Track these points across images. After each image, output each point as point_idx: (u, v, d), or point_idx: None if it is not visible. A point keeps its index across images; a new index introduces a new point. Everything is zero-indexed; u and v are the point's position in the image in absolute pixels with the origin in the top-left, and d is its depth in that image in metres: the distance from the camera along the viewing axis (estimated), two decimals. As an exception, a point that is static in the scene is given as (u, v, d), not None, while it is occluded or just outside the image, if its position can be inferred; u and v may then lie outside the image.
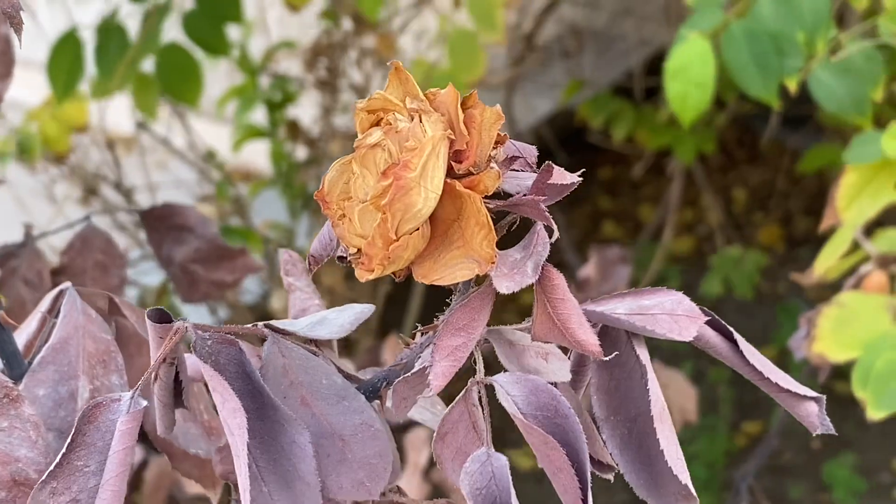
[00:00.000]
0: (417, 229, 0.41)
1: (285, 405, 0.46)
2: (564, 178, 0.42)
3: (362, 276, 0.41)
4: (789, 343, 1.34)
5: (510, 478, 0.42)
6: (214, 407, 0.47)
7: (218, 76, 2.28)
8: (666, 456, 0.46)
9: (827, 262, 1.31)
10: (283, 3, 1.82)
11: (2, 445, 0.50)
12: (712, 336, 0.48)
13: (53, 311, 0.57)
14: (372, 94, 0.41)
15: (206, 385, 0.49)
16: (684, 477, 0.46)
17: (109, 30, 1.74)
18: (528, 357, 0.44)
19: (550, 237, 0.42)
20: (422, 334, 0.47)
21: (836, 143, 2.22)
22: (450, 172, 0.41)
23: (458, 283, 0.44)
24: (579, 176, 0.42)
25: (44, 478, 0.44)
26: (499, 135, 0.42)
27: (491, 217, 0.41)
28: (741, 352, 0.48)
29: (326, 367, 0.47)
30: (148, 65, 1.85)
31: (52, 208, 2.18)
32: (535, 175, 0.43)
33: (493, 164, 0.41)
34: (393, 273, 0.42)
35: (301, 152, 2.27)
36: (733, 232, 2.90)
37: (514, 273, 0.41)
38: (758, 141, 3.31)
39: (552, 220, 0.41)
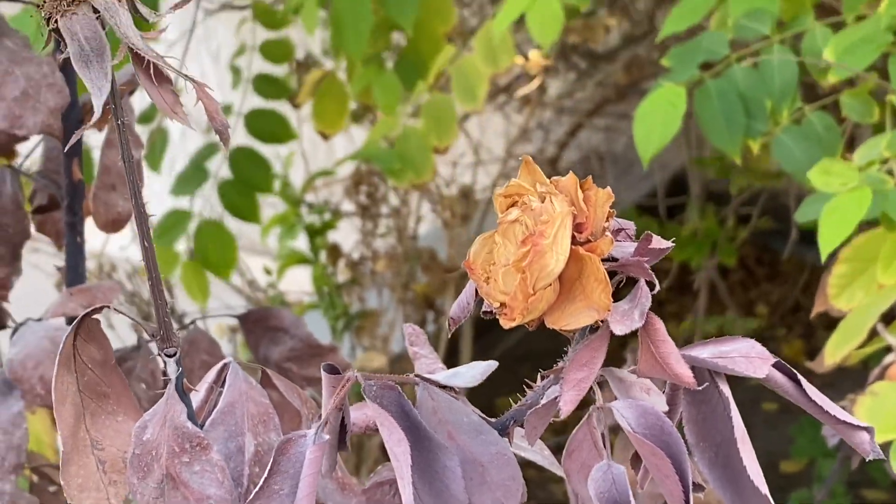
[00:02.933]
0: (550, 286, 0.52)
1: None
2: (661, 244, 0.53)
3: (506, 324, 0.52)
4: (823, 432, 1.44)
5: (627, 482, 0.52)
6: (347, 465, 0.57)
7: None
8: (749, 473, 0.56)
9: (839, 351, 1.41)
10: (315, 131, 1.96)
11: (196, 485, 0.60)
12: (779, 376, 0.59)
13: (218, 381, 0.68)
14: (509, 183, 0.53)
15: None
16: (764, 490, 0.56)
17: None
18: (634, 391, 0.55)
19: (652, 290, 0.53)
20: (542, 378, 0.58)
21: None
22: (573, 240, 0.52)
23: (575, 330, 0.55)
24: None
25: (250, 498, 0.54)
26: (609, 210, 0.53)
27: (605, 275, 0.52)
28: (803, 389, 0.59)
29: (465, 407, 0.58)
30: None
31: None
32: (636, 243, 0.54)
33: (606, 233, 0.52)
34: (527, 322, 0.53)
35: (342, 274, 2.39)
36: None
37: (625, 319, 0.52)
38: (777, 258, 3.43)
39: (654, 277, 0.53)
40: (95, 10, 0.54)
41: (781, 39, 1.48)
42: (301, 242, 2.38)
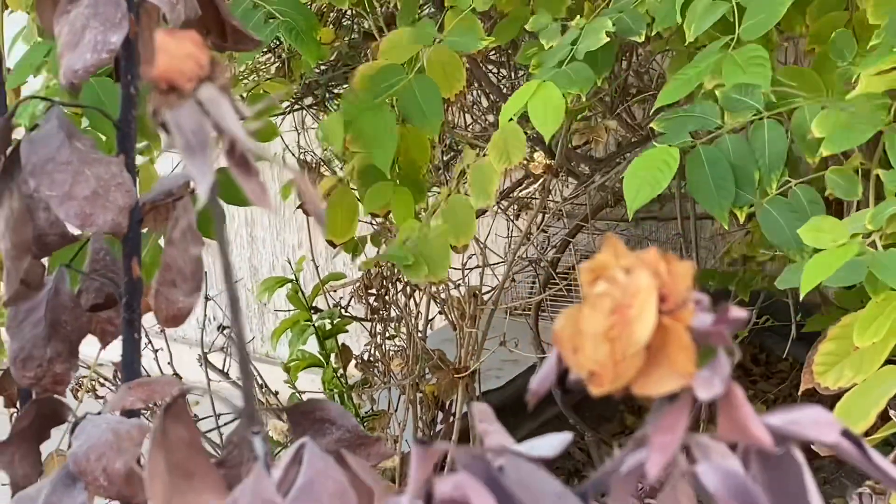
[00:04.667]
0: (637, 354, 0.55)
1: (522, 505, 0.59)
2: (738, 314, 0.56)
3: (596, 391, 0.55)
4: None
5: (715, 541, 0.55)
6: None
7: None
8: (821, 534, 0.59)
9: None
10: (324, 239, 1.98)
11: (285, 556, 0.62)
12: (846, 443, 0.62)
13: (295, 460, 0.70)
14: (594, 257, 0.56)
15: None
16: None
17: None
18: (713, 455, 0.58)
19: (732, 358, 0.56)
20: (619, 447, 0.61)
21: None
22: (658, 310, 0.55)
23: (653, 397, 0.58)
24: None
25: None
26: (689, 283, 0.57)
27: (686, 345, 0.55)
28: (868, 454, 0.62)
29: (549, 477, 0.61)
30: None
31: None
32: (711, 314, 0.57)
33: (689, 304, 0.56)
34: (615, 389, 0.56)
35: (351, 376, 2.41)
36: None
37: (707, 386, 0.56)
38: (771, 357, 3.46)
39: (732, 344, 0.56)
40: (199, 103, 0.58)
41: (773, 114, 1.53)
42: (311, 345, 2.41)
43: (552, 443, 0.64)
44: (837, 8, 1.77)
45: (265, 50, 2.05)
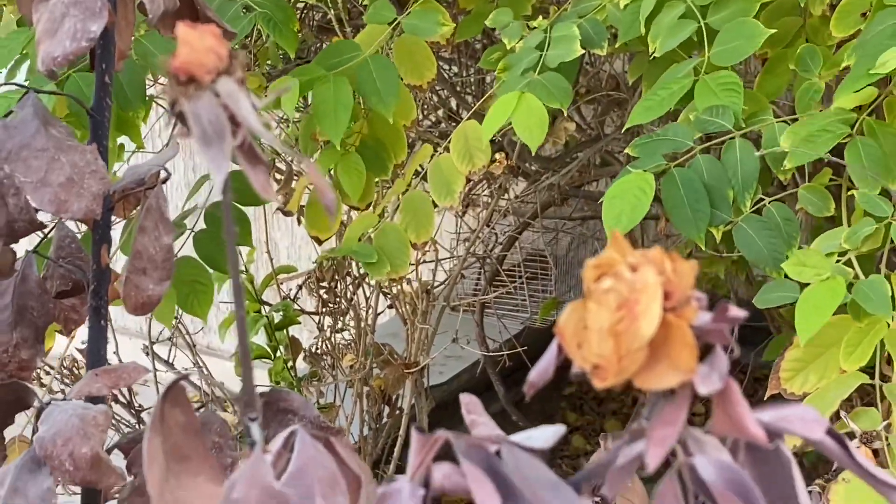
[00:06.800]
0: (641, 349, 0.57)
1: (520, 495, 0.61)
2: (736, 313, 0.58)
3: (599, 384, 0.57)
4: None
5: (712, 531, 0.57)
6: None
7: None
8: (808, 527, 0.61)
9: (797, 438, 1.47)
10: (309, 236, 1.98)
11: (282, 541, 0.63)
12: (829, 440, 0.64)
13: (287, 446, 0.71)
14: (601, 255, 0.58)
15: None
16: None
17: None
18: (708, 449, 0.60)
19: (731, 355, 0.58)
20: (612, 440, 0.63)
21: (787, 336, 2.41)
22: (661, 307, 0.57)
23: (651, 391, 0.59)
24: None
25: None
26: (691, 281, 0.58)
27: (686, 341, 0.57)
28: (850, 453, 0.64)
29: (543, 466, 0.62)
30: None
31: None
32: (710, 314, 0.59)
33: (692, 302, 0.57)
34: (616, 383, 0.58)
35: (301, 367, 2.42)
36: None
37: (706, 381, 0.57)
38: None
39: (732, 341, 0.58)
40: (216, 95, 0.59)
41: (743, 134, 1.56)
42: (258, 338, 2.41)
43: (546, 434, 0.66)
44: (791, 13, 1.80)
45: (241, 45, 2.05)
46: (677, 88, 1.56)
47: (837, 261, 1.49)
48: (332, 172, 1.81)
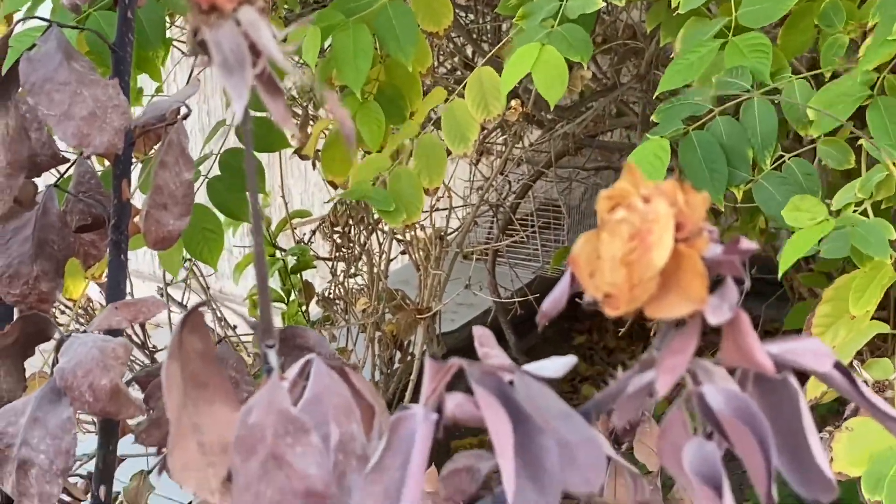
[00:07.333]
0: (653, 279, 0.58)
1: (532, 421, 0.62)
2: (748, 245, 0.59)
3: (611, 313, 0.58)
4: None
5: (718, 457, 0.58)
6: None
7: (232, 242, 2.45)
8: (815, 459, 0.62)
9: (816, 388, 1.49)
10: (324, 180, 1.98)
11: (299, 465, 0.65)
12: (836, 373, 0.65)
13: (303, 375, 0.72)
14: (613, 185, 0.59)
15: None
16: (830, 474, 0.62)
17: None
18: (716, 378, 0.61)
19: (741, 286, 0.59)
20: (623, 370, 0.64)
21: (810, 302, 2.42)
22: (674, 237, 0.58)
23: (662, 320, 0.61)
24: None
25: (367, 472, 0.59)
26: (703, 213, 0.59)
27: (697, 272, 0.58)
28: (858, 387, 0.65)
29: (555, 395, 0.64)
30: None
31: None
32: (721, 245, 0.60)
33: (704, 233, 0.58)
34: (628, 311, 0.59)
35: (314, 312, 2.43)
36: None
37: (716, 311, 0.58)
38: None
39: (743, 273, 0.59)
40: (237, 23, 0.59)
41: (764, 93, 1.56)
42: (273, 282, 2.42)
43: (557, 365, 0.67)
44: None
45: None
46: (706, 52, 1.56)
47: (854, 210, 1.49)
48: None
